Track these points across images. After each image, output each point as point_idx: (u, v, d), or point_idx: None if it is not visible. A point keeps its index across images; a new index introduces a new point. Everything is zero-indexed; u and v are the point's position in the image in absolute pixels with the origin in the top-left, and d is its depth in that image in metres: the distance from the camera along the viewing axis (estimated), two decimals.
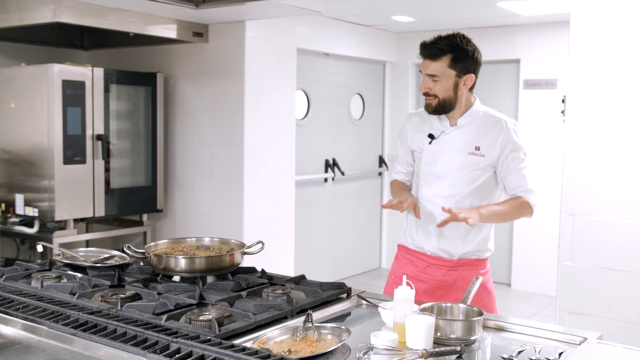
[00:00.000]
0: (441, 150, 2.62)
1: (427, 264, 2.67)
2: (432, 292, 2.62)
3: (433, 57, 2.50)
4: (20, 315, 1.95)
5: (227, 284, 2.32)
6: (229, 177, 4.74)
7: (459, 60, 2.50)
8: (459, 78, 2.53)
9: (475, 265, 2.67)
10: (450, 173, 2.60)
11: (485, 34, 6.45)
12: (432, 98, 2.55)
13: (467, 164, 2.57)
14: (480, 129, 2.58)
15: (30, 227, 4.35)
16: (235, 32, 4.63)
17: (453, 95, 2.54)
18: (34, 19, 3.92)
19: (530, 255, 6.34)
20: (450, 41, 2.50)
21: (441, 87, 2.52)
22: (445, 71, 2.51)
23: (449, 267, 2.64)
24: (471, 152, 2.57)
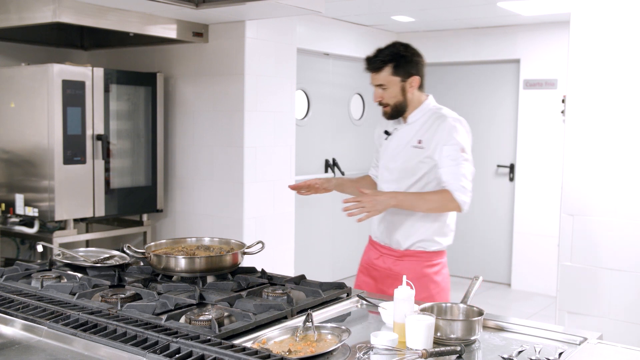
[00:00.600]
0: (393, 145, 2.83)
1: (380, 254, 2.86)
2: (383, 281, 2.80)
3: (376, 70, 2.75)
4: (20, 315, 1.95)
5: (227, 284, 2.32)
6: (229, 177, 4.74)
7: (400, 67, 2.73)
8: (404, 82, 2.75)
9: (421, 258, 2.77)
10: (397, 166, 2.79)
11: (485, 34, 6.45)
12: (385, 106, 2.78)
13: (409, 156, 2.75)
14: (425, 124, 2.78)
15: (30, 227, 4.35)
16: (235, 32, 4.63)
17: (403, 98, 2.76)
18: (34, 19, 3.92)
19: (530, 255, 6.34)
20: (389, 51, 2.75)
21: (390, 94, 2.75)
22: (390, 79, 2.74)
23: (396, 257, 2.80)
24: (414, 146, 2.75)
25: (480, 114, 6.68)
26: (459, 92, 6.80)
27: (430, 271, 2.77)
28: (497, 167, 6.61)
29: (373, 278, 2.84)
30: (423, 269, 2.75)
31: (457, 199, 2.67)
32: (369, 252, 2.93)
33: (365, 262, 2.94)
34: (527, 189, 6.35)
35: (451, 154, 2.69)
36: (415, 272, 2.71)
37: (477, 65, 6.68)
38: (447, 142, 2.70)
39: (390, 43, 2.80)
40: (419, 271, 2.74)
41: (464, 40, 6.58)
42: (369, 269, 2.90)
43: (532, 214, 6.31)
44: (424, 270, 2.75)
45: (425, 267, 2.76)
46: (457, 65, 6.79)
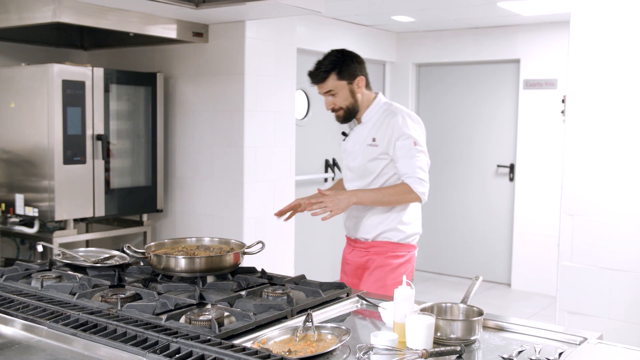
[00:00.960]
0: (350, 145, 2.95)
1: (352, 247, 3.00)
2: (354, 272, 2.94)
3: (322, 81, 2.86)
4: (20, 315, 1.95)
5: (227, 284, 2.32)
6: (229, 177, 4.74)
7: (343, 71, 2.84)
8: (351, 85, 2.86)
9: (387, 248, 2.89)
10: (356, 164, 2.91)
11: (485, 34, 6.45)
12: (338, 110, 2.89)
13: (365, 154, 2.87)
14: (377, 122, 2.88)
15: (30, 227, 4.35)
16: (235, 32, 4.63)
17: (353, 100, 2.87)
18: (34, 19, 3.91)
19: (530, 255, 6.34)
20: (328, 60, 2.86)
21: (340, 98, 2.86)
22: (337, 84, 2.84)
23: (364, 248, 2.93)
24: (369, 144, 2.86)
25: (480, 114, 6.68)
26: (459, 92, 6.80)
27: (393, 262, 2.89)
28: (497, 167, 6.61)
29: (345, 273, 2.97)
30: (386, 259, 2.90)
31: (415, 191, 2.78)
32: (346, 247, 3.07)
33: (342, 258, 3.09)
34: (527, 189, 6.35)
35: (405, 148, 2.80)
36: (378, 261, 2.90)
37: (477, 65, 6.68)
38: (400, 137, 2.80)
39: (326, 53, 2.92)
40: (382, 261, 2.90)
41: (464, 40, 6.58)
42: (343, 264, 3.05)
43: (532, 214, 6.31)
44: (387, 260, 2.90)
45: (389, 258, 2.90)
46: (457, 65, 6.79)
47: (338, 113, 2.90)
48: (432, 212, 7.01)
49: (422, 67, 7.02)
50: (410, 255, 2.94)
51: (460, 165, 6.82)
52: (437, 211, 6.97)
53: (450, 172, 6.87)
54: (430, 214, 7.02)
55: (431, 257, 7.05)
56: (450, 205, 6.89)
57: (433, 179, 7.54)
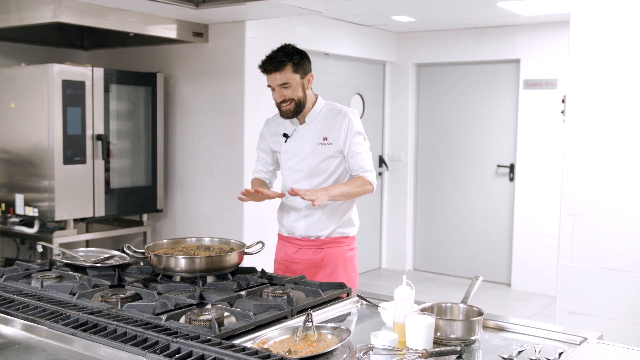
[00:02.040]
0: (295, 145, 2.95)
1: (298, 247, 2.99)
2: (307, 271, 2.91)
3: (278, 68, 2.85)
4: (20, 315, 1.95)
5: (227, 284, 2.32)
6: (229, 177, 4.74)
7: (298, 65, 2.87)
8: (303, 79, 2.89)
9: (341, 242, 2.97)
10: (306, 165, 2.92)
11: (485, 34, 6.45)
12: (288, 103, 2.90)
13: (316, 154, 2.91)
14: (325, 121, 2.94)
15: (30, 227, 4.35)
16: (235, 32, 4.63)
17: (303, 95, 2.90)
18: (34, 19, 3.92)
19: (530, 255, 6.33)
20: (285, 52, 2.87)
21: (293, 91, 2.87)
22: (292, 76, 2.86)
23: (317, 246, 2.95)
24: (320, 143, 2.91)
25: (480, 114, 6.68)
26: (459, 92, 6.80)
27: (349, 255, 2.99)
28: (497, 167, 6.61)
29: (293, 272, 2.95)
30: (344, 253, 2.98)
31: (372, 183, 2.92)
32: (284, 249, 3.04)
33: (282, 259, 3.04)
34: (527, 189, 6.34)
35: (359, 144, 2.93)
36: (338, 257, 2.95)
37: (477, 65, 6.68)
38: (355, 134, 2.92)
39: (279, 46, 2.94)
40: (341, 256, 2.96)
41: (464, 40, 6.57)
42: (288, 264, 3.01)
43: (532, 214, 6.31)
44: (345, 255, 2.98)
45: (346, 252, 2.99)
46: (457, 65, 6.79)
47: (289, 106, 2.89)
48: (432, 212, 7.01)
49: (422, 67, 7.02)
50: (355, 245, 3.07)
51: (460, 165, 6.82)
52: (437, 211, 6.97)
53: (450, 172, 6.87)
54: (431, 214, 7.02)
55: (431, 257, 7.05)
56: (450, 205, 6.88)
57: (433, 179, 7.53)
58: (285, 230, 3.04)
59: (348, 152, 2.91)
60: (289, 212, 3.00)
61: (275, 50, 2.92)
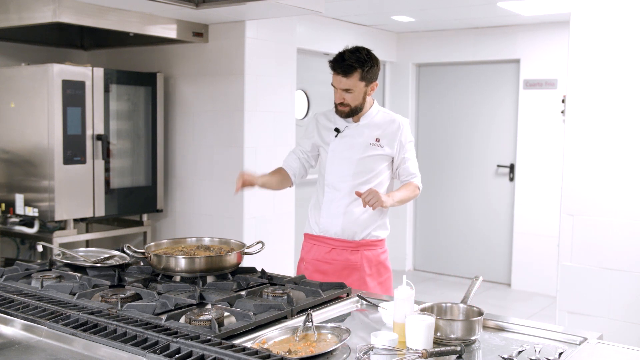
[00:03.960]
0: (346, 141, 2.96)
1: (331, 247, 2.96)
2: (340, 273, 2.92)
3: (346, 74, 2.82)
4: (20, 315, 1.95)
5: (227, 284, 2.32)
6: (229, 177, 4.73)
7: (367, 73, 2.85)
8: (366, 87, 2.89)
9: (375, 246, 2.98)
10: (353, 161, 2.93)
11: (485, 34, 6.45)
12: (344, 106, 2.89)
13: (367, 152, 2.93)
14: (379, 125, 2.96)
15: (30, 227, 4.35)
16: (235, 32, 4.63)
17: (362, 101, 2.91)
18: (34, 19, 3.91)
19: (530, 255, 6.33)
20: (357, 57, 2.84)
21: (353, 97, 2.86)
22: (357, 84, 2.84)
23: (352, 247, 2.93)
24: (372, 143, 2.93)
25: (480, 114, 6.68)
26: (459, 92, 6.80)
27: (382, 258, 3.00)
28: (497, 167, 6.61)
29: (323, 272, 2.93)
30: (378, 256, 2.98)
31: (419, 187, 3.02)
32: (316, 248, 3.00)
33: (312, 258, 3.00)
34: (527, 189, 6.34)
35: (412, 151, 3.01)
36: (373, 260, 2.96)
37: (477, 65, 6.68)
38: (409, 141, 2.99)
39: (354, 47, 2.91)
40: (376, 259, 2.97)
41: (464, 40, 6.57)
42: (317, 264, 2.98)
43: (532, 214, 6.31)
44: (379, 258, 2.98)
45: (380, 255, 2.99)
46: (457, 65, 6.79)
47: (344, 108, 2.90)
48: (432, 212, 7.01)
49: (422, 67, 7.02)
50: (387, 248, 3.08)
51: (460, 165, 6.82)
52: (437, 211, 6.97)
53: (450, 172, 6.87)
54: (431, 214, 7.02)
55: (431, 257, 7.05)
56: (450, 205, 6.88)
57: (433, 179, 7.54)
58: (318, 229, 3.01)
59: (401, 158, 2.97)
60: (325, 211, 2.98)
61: (349, 51, 2.88)
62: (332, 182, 2.97)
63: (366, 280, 2.91)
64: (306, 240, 3.08)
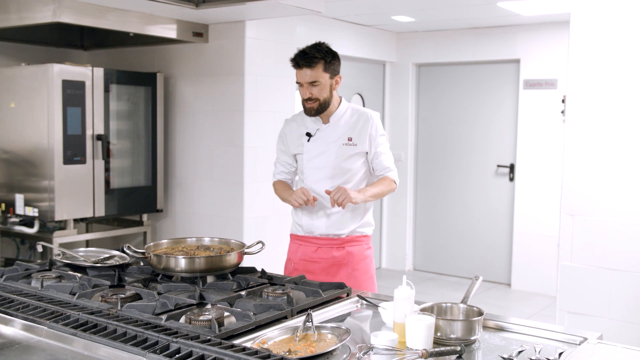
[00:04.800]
0: (319, 145, 2.96)
1: (317, 246, 2.98)
2: (327, 270, 2.94)
3: (310, 65, 2.85)
4: (20, 315, 1.95)
5: (227, 284, 2.32)
6: (229, 177, 4.74)
7: (329, 64, 2.88)
8: (332, 80, 2.90)
9: (361, 241, 2.99)
10: (329, 163, 2.93)
11: (485, 34, 6.45)
12: (313, 102, 2.89)
13: (341, 153, 2.92)
14: (350, 123, 2.95)
15: (30, 227, 4.35)
16: (235, 32, 4.63)
17: (329, 95, 2.90)
18: (34, 19, 3.92)
19: (530, 255, 6.33)
20: (318, 49, 2.89)
21: (320, 90, 2.87)
22: (322, 75, 2.86)
23: (338, 244, 2.95)
24: (345, 143, 2.93)
25: (480, 114, 6.68)
26: (459, 92, 6.80)
27: (368, 253, 3.02)
28: (497, 167, 6.61)
29: (311, 272, 2.94)
30: (364, 251, 3.00)
31: (395, 181, 2.99)
32: (301, 249, 3.02)
33: (299, 259, 3.02)
34: (527, 189, 6.34)
35: (384, 145, 2.98)
36: (360, 255, 2.97)
37: (477, 65, 6.68)
38: (381, 135, 2.97)
39: (314, 43, 2.95)
40: (362, 253, 2.99)
41: (464, 40, 6.57)
42: (306, 263, 2.99)
43: (532, 214, 6.31)
44: (365, 253, 3.00)
45: (366, 250, 3.01)
46: (457, 65, 6.79)
47: (313, 104, 2.89)
48: (432, 212, 7.01)
49: (422, 67, 7.02)
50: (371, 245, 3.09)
51: (460, 165, 6.82)
52: (437, 211, 6.97)
53: (450, 172, 6.87)
54: (431, 214, 7.02)
55: (431, 257, 7.05)
56: (450, 205, 6.88)
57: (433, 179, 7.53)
58: (303, 230, 3.03)
59: (374, 153, 2.95)
60: (307, 212, 2.99)
61: (309, 46, 2.93)
62: (310, 186, 2.97)
63: (355, 276, 2.93)
64: (292, 241, 3.11)
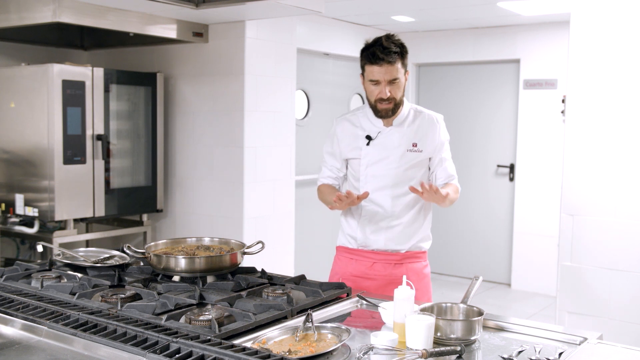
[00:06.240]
0: (380, 150, 2.67)
1: (373, 261, 2.71)
2: (384, 289, 2.64)
3: (390, 61, 2.50)
4: (20, 315, 1.95)
5: (227, 284, 2.32)
6: (229, 177, 4.74)
7: (405, 59, 2.58)
8: (405, 75, 2.61)
9: (419, 257, 2.76)
10: (390, 171, 2.66)
11: (485, 34, 6.45)
12: (389, 102, 2.57)
13: (406, 160, 2.65)
14: (415, 126, 2.67)
15: (30, 227, 4.35)
16: (235, 32, 4.63)
17: (403, 94, 2.62)
18: (34, 19, 3.91)
19: (530, 255, 6.34)
20: (394, 42, 2.54)
21: (398, 88, 2.57)
22: (400, 71, 2.55)
23: (396, 260, 2.70)
24: (409, 149, 2.65)
25: (480, 114, 6.68)
26: (459, 92, 6.80)
27: (426, 271, 2.80)
28: (497, 167, 6.61)
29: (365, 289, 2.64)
30: (423, 268, 2.78)
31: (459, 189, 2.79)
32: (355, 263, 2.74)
33: (350, 274, 2.73)
34: (527, 189, 6.35)
35: (448, 151, 2.76)
36: (418, 272, 2.72)
37: (477, 65, 6.68)
38: (445, 142, 2.73)
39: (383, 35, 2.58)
40: (420, 271, 2.75)
41: (464, 40, 6.58)
42: (357, 280, 2.70)
43: (532, 214, 6.31)
44: (424, 271, 2.78)
45: (424, 267, 2.79)
46: (457, 65, 6.79)
47: (389, 105, 2.57)
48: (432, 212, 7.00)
49: (422, 67, 7.02)
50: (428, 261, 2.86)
51: (460, 165, 6.75)
52: (437, 211, 6.95)
53: None
54: None
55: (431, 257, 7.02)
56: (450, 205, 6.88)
57: None
58: (356, 243, 2.74)
59: (437, 159, 2.70)
60: (363, 226, 2.71)
61: (384, 38, 2.54)
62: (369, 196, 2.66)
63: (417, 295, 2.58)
64: (340, 254, 2.81)
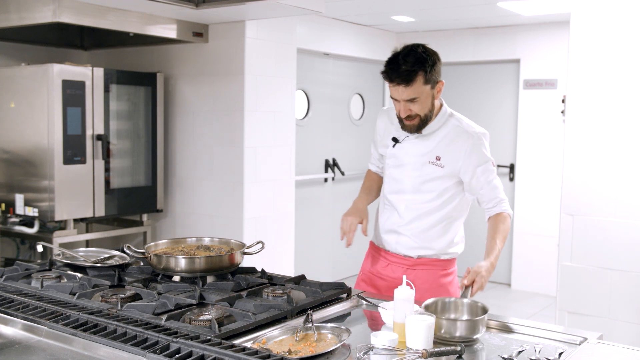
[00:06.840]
0: (402, 155, 2.58)
1: (388, 262, 2.66)
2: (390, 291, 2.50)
3: (408, 82, 2.37)
4: (20, 315, 1.95)
5: (227, 284, 2.32)
6: (229, 177, 4.74)
7: (430, 74, 2.41)
8: (433, 90, 2.46)
9: (435, 265, 2.61)
10: (407, 179, 2.58)
11: (485, 34, 6.45)
12: (412, 119, 2.47)
13: (424, 172, 2.54)
14: (444, 139, 2.52)
15: (30, 227, 4.35)
16: (235, 32, 4.63)
17: (431, 107, 2.48)
18: (34, 19, 3.91)
19: (530, 255, 6.34)
20: (416, 58, 2.38)
21: (421, 105, 2.44)
22: (422, 89, 2.41)
23: (408, 265, 2.61)
24: (431, 162, 2.52)
25: (480, 114, 6.68)
26: (459, 92, 6.80)
27: (445, 281, 2.62)
28: (497, 167, 6.61)
29: (376, 287, 2.65)
30: (438, 278, 2.61)
31: (510, 214, 2.56)
32: (374, 260, 2.71)
33: (368, 270, 2.71)
34: (527, 189, 6.34)
35: (487, 173, 2.54)
36: (430, 282, 2.58)
37: (477, 65, 6.68)
38: (480, 163, 2.52)
39: (406, 47, 2.46)
40: (434, 281, 2.60)
41: (464, 40, 6.57)
42: (373, 277, 2.68)
43: (532, 214, 6.31)
44: (440, 280, 2.61)
45: (441, 277, 2.62)
46: (457, 65, 6.79)
47: (412, 121, 2.45)
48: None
49: None
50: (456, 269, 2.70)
51: None
52: None
53: None
54: None
55: None
56: None
57: None
58: (377, 241, 2.72)
59: (476, 182, 2.51)
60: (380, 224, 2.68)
61: (404, 53, 2.40)
62: (385, 195, 2.65)
63: None
64: (370, 249, 2.77)
